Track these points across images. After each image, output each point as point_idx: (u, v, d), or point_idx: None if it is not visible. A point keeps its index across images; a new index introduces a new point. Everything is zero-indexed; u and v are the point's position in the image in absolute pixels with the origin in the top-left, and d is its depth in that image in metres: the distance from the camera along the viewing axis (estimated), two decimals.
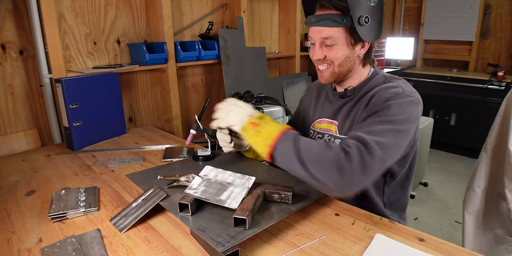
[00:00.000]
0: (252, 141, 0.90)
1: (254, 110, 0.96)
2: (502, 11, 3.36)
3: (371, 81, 1.03)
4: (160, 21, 1.86)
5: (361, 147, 0.79)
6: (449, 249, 0.75)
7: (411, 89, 0.96)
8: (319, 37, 0.97)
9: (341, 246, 0.77)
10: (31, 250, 0.78)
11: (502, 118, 1.62)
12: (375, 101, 0.93)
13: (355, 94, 1.04)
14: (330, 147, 0.80)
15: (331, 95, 1.12)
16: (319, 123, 1.14)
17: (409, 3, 4.02)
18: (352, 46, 0.97)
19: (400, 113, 0.87)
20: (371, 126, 0.85)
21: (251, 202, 0.82)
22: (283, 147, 0.83)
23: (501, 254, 1.60)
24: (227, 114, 0.95)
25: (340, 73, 1.01)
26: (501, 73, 3.06)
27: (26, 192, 1.09)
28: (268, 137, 0.85)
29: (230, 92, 2.18)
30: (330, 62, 0.99)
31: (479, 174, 1.69)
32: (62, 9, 1.61)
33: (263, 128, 0.88)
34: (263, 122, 0.90)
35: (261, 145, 0.87)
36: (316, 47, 0.99)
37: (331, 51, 0.97)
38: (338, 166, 0.76)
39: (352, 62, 1.00)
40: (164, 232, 0.85)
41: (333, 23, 0.93)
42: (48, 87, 1.56)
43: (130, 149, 1.50)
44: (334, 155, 0.78)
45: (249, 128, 0.90)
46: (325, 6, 0.95)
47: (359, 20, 0.91)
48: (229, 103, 0.98)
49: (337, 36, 0.95)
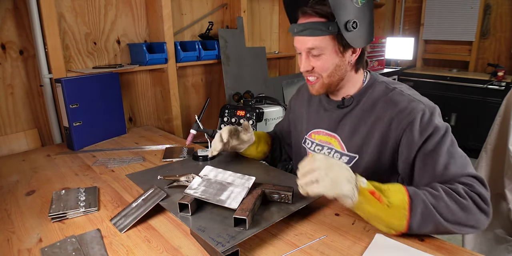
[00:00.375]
0: (381, 215, 0.75)
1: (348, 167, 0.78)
2: (502, 11, 3.36)
3: (371, 89, 0.97)
4: (160, 21, 1.86)
5: (468, 190, 0.78)
6: (449, 249, 0.75)
7: (423, 98, 0.92)
8: (304, 48, 0.91)
9: (341, 246, 0.77)
10: (31, 250, 0.78)
11: (502, 118, 1.62)
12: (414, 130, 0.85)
13: (355, 104, 0.97)
14: (460, 202, 0.75)
15: (326, 102, 1.05)
16: (317, 134, 1.07)
17: (409, 3, 4.02)
18: (342, 54, 0.91)
19: (442, 129, 0.85)
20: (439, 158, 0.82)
21: (251, 202, 0.82)
22: (419, 215, 0.73)
23: (501, 254, 1.60)
24: (335, 182, 0.72)
25: (331, 83, 0.95)
26: (501, 73, 3.06)
27: (26, 192, 1.09)
28: (401, 206, 0.73)
29: (230, 92, 2.18)
30: (318, 74, 0.93)
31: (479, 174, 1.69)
32: (62, 9, 1.61)
33: (390, 197, 0.75)
34: (381, 188, 0.77)
35: (396, 218, 0.74)
36: (303, 58, 0.93)
37: (319, 62, 0.91)
38: (480, 211, 0.77)
39: (343, 70, 0.94)
40: (164, 232, 0.85)
41: (317, 32, 0.86)
42: (48, 87, 1.56)
43: (130, 149, 1.50)
44: (468, 215, 0.75)
45: (373, 200, 0.74)
46: (307, 13, 0.88)
47: (346, 26, 0.84)
48: (324, 162, 0.74)
49: (323, 46, 0.88)
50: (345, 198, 0.73)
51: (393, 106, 0.90)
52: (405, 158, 0.89)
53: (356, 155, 0.97)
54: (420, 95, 0.94)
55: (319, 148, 1.07)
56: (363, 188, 0.74)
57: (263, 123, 1.89)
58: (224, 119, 1.95)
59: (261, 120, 1.87)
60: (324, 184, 0.72)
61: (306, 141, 1.12)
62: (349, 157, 0.98)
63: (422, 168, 0.86)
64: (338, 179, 0.72)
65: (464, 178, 0.81)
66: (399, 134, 0.88)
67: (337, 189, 0.72)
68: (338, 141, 1.01)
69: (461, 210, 0.75)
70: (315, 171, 0.73)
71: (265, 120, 1.88)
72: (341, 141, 1.00)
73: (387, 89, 0.95)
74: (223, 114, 1.95)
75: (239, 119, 1.90)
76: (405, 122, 0.87)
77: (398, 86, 0.95)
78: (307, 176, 0.74)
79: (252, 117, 1.87)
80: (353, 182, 0.74)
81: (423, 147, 0.85)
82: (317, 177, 0.72)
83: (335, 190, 0.72)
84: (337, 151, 1.01)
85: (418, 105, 0.88)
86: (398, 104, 0.90)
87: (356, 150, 0.97)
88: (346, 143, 0.99)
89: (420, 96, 0.93)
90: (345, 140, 0.99)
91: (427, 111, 0.86)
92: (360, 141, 0.95)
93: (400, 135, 0.88)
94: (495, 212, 1.66)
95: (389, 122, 0.90)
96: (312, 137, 1.09)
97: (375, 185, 0.78)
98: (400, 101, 0.90)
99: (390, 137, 0.90)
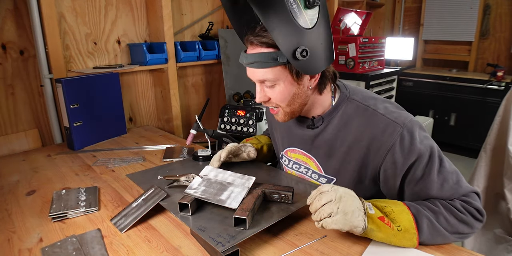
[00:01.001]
0: (393, 240, 0.74)
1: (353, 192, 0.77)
2: (502, 11, 3.36)
3: (341, 109, 0.90)
4: (160, 21, 1.86)
5: (467, 206, 0.79)
6: (449, 249, 0.76)
7: (396, 111, 0.85)
8: (256, 79, 0.85)
9: (341, 246, 0.77)
10: (32, 250, 0.79)
11: (501, 118, 1.62)
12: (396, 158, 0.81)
13: (326, 123, 0.91)
14: (459, 216, 0.78)
15: (297, 120, 0.98)
16: (292, 152, 1.03)
17: (409, 3, 4.02)
18: (297, 82, 0.83)
19: (426, 152, 0.81)
20: (431, 183, 0.81)
21: (251, 202, 0.83)
22: (426, 232, 0.75)
23: (500, 253, 1.60)
24: (346, 214, 0.71)
25: (293, 111, 0.89)
26: (500, 73, 3.06)
27: (26, 192, 1.09)
28: (410, 227, 0.74)
29: (230, 92, 2.18)
30: (276, 104, 0.88)
31: (479, 174, 1.69)
32: (62, 9, 1.61)
33: (397, 220, 0.74)
34: (385, 211, 0.76)
35: (407, 240, 0.74)
36: (257, 89, 0.87)
37: (274, 92, 0.85)
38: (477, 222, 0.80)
39: (303, 97, 0.87)
40: (164, 232, 0.85)
41: (265, 64, 0.79)
42: (48, 87, 1.57)
43: (130, 149, 1.50)
44: (466, 226, 0.78)
45: (383, 226, 0.73)
46: (253, 43, 0.81)
47: (295, 55, 0.74)
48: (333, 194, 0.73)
49: (275, 77, 0.81)
50: (356, 229, 0.72)
51: (369, 128, 0.85)
52: (391, 185, 0.86)
53: (334, 178, 0.95)
54: (395, 108, 0.87)
55: (297, 166, 1.05)
56: (371, 214, 0.74)
57: (263, 123, 1.89)
58: (224, 119, 1.95)
59: (261, 120, 1.87)
60: (337, 217, 0.71)
61: (283, 157, 1.09)
62: (327, 179, 0.96)
63: (414, 194, 0.84)
64: (349, 211, 0.71)
65: (461, 197, 0.82)
66: (380, 161, 0.84)
67: (349, 222, 0.71)
68: (315, 162, 0.98)
69: (460, 223, 0.78)
70: (325, 205, 0.72)
71: (265, 120, 1.88)
72: (317, 162, 0.97)
73: (359, 108, 0.88)
74: (223, 114, 1.96)
75: (239, 119, 1.91)
76: (384, 149, 0.82)
77: (372, 103, 0.88)
78: (320, 212, 0.73)
79: (252, 117, 1.87)
80: (363, 210, 0.73)
81: (409, 175, 0.82)
82: (328, 212, 0.71)
83: (348, 224, 0.71)
84: (315, 171, 0.99)
85: (394, 128, 0.81)
86: (373, 126, 0.84)
87: (334, 173, 0.94)
88: (322, 165, 0.96)
89: (396, 112, 0.85)
90: (321, 162, 0.96)
91: (406, 134, 0.81)
92: (338, 165, 0.92)
93: (381, 162, 0.84)
94: (495, 212, 1.66)
95: (367, 145, 0.85)
96: (289, 155, 1.06)
97: (378, 205, 0.77)
98: (374, 122, 0.84)
99: (370, 161, 0.86)
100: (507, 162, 1.56)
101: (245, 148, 1.13)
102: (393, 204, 0.78)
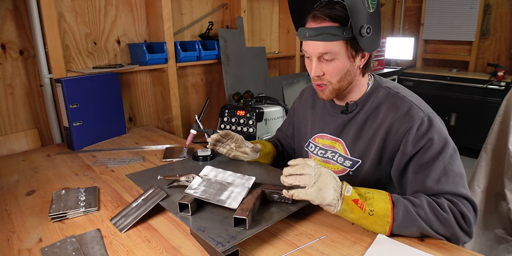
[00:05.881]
0: (364, 222, 0.78)
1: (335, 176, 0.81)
2: (502, 11, 3.36)
3: (374, 95, 0.97)
4: (160, 21, 1.86)
5: (452, 206, 0.78)
6: (449, 249, 0.75)
7: (423, 103, 0.91)
8: (316, 53, 0.88)
9: (341, 246, 0.77)
10: (31, 250, 0.79)
11: (502, 118, 1.62)
12: (409, 139, 0.85)
13: (358, 109, 0.98)
14: (440, 215, 0.77)
15: (331, 107, 1.05)
16: (321, 138, 1.07)
17: (409, 3, 4.02)
18: (353, 58, 0.90)
19: (439, 143, 0.83)
20: (432, 173, 0.82)
21: (251, 202, 0.82)
22: (401, 222, 0.76)
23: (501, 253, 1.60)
24: (320, 190, 0.75)
25: (341, 88, 0.94)
26: (501, 73, 3.06)
27: (26, 192, 1.09)
28: (385, 215, 0.76)
29: (230, 92, 2.18)
30: (328, 79, 0.92)
31: (479, 174, 1.69)
32: (62, 9, 1.61)
33: (374, 205, 0.77)
34: (366, 196, 0.79)
35: (378, 225, 0.77)
36: (314, 63, 0.91)
37: (331, 67, 0.89)
38: (460, 229, 0.77)
39: (353, 75, 0.93)
40: (164, 232, 0.85)
41: (332, 37, 0.84)
42: (48, 87, 1.56)
43: (130, 149, 1.50)
44: (445, 228, 0.77)
45: (355, 208, 0.77)
46: (320, 18, 0.86)
47: (361, 31, 0.83)
48: (315, 170, 0.77)
49: (337, 50, 0.87)
50: (328, 206, 0.77)
51: (394, 110, 0.90)
52: (396, 164, 0.89)
53: (359, 160, 0.97)
54: (422, 101, 0.93)
55: (322, 152, 1.07)
56: (347, 196, 0.77)
57: (263, 123, 1.89)
58: (224, 119, 1.95)
59: (261, 120, 1.87)
60: (311, 190, 0.75)
61: (310, 144, 1.12)
62: (352, 161, 0.99)
63: (412, 179, 0.86)
64: (324, 188, 0.76)
65: (453, 196, 0.80)
66: (398, 140, 0.88)
67: (321, 197, 0.75)
68: (343, 145, 1.01)
69: (438, 222, 0.76)
70: (304, 176, 0.76)
71: (265, 120, 1.88)
72: (345, 145, 1.00)
73: (390, 93, 0.95)
74: (223, 114, 1.95)
75: (239, 119, 1.90)
76: (403, 129, 0.87)
77: (401, 91, 0.95)
78: (296, 177, 0.77)
79: (252, 117, 1.87)
80: (338, 191, 0.77)
81: (415, 158, 0.85)
82: (304, 182, 0.76)
83: (320, 198, 0.76)
84: (341, 155, 1.01)
85: (417, 113, 0.87)
86: (399, 109, 0.90)
87: (359, 155, 0.97)
88: (350, 147, 0.99)
89: (422, 103, 0.91)
90: (349, 144, 0.99)
91: (426, 121, 0.85)
92: (364, 146, 0.96)
93: (399, 142, 0.88)
94: (495, 212, 1.66)
95: (389, 127, 0.90)
96: (316, 141, 1.09)
97: (361, 192, 0.80)
98: (401, 106, 0.90)
99: (389, 141, 0.90)
100: (507, 162, 1.56)
101: (248, 143, 1.16)
102: (377, 193, 0.81)
